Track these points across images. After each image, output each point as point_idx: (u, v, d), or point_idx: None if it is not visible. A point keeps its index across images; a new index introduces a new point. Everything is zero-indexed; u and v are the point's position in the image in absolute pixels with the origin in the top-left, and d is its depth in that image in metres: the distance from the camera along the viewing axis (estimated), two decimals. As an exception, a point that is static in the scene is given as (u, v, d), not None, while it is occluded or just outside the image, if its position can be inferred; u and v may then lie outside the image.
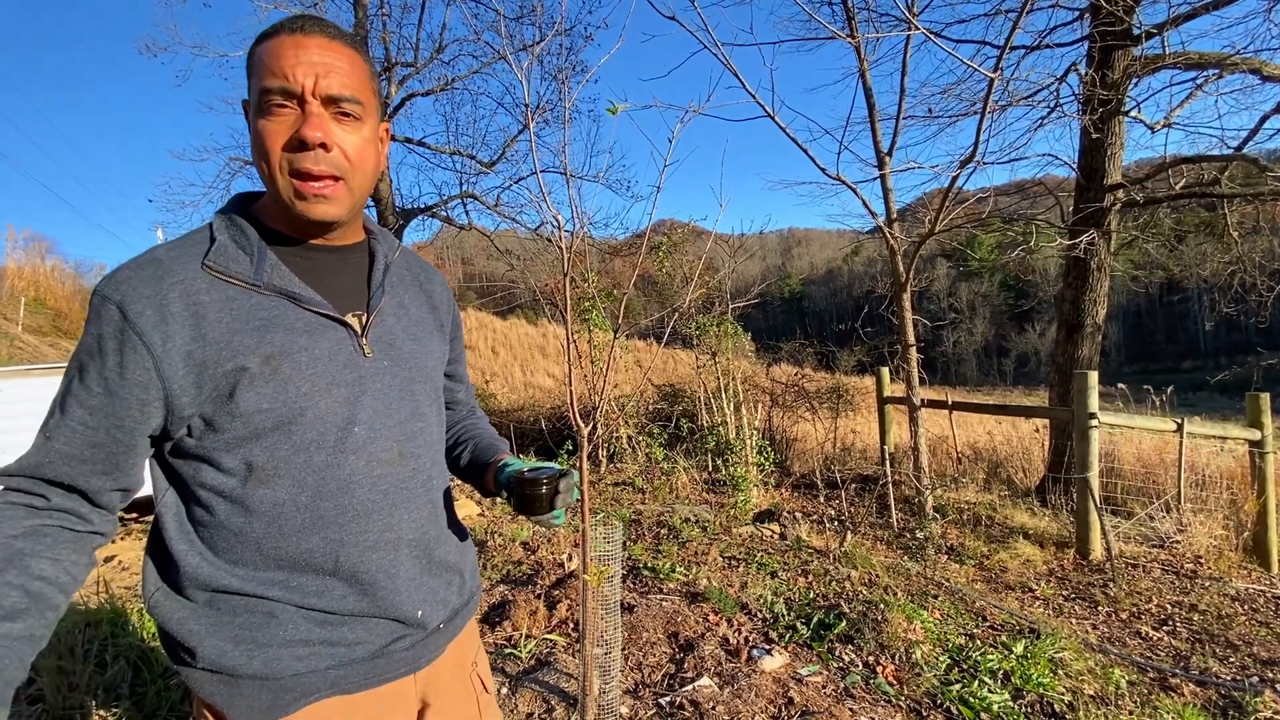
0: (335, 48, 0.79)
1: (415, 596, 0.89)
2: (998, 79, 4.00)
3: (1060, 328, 6.06)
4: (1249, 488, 4.46)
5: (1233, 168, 5.83)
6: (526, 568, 3.76)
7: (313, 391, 0.80)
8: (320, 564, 0.81)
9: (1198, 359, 55.94)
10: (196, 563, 0.79)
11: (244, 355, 0.76)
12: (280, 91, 0.76)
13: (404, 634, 0.88)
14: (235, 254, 0.80)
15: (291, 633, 0.80)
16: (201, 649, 0.78)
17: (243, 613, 0.79)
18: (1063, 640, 2.85)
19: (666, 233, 7.63)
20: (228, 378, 0.76)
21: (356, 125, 0.81)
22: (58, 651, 2.32)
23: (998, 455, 6.78)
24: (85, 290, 15.14)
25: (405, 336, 0.93)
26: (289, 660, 0.80)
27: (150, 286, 0.74)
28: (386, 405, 0.87)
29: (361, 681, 0.85)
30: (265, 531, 0.79)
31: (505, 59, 7.55)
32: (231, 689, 0.79)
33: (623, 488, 6.06)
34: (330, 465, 0.81)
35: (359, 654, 0.84)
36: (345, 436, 0.82)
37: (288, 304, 0.81)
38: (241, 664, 0.78)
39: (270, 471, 0.78)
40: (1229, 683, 2.64)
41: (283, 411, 0.78)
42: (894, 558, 4.10)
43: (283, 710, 0.80)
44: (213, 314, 0.76)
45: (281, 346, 0.78)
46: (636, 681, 2.50)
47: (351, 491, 0.82)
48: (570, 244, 1.92)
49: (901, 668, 2.62)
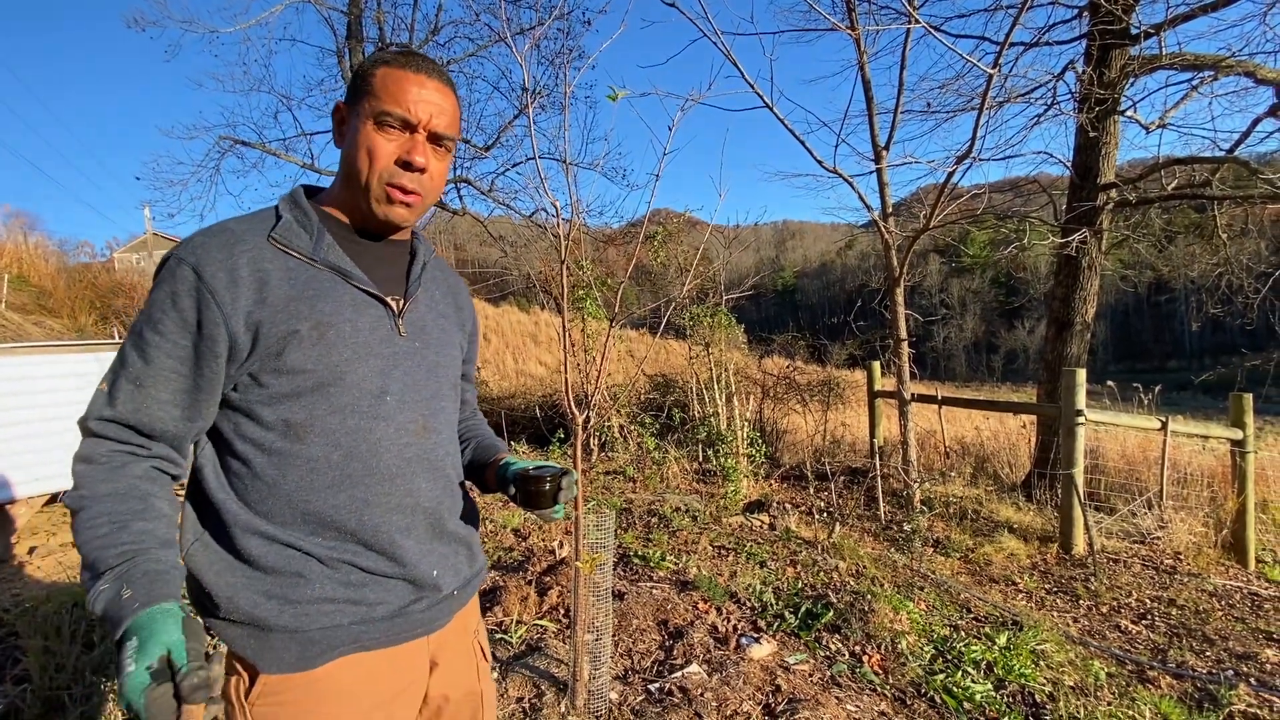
0: (445, 92, 0.94)
1: (429, 560, 0.96)
2: (996, 75, 4.00)
3: (1050, 325, 6.11)
4: (1229, 486, 4.53)
5: (1224, 170, 5.88)
6: (518, 554, 3.77)
7: (353, 359, 0.88)
8: (344, 522, 0.88)
9: (1183, 359, 56.71)
10: (235, 509, 0.86)
11: (297, 320, 0.85)
12: (400, 120, 0.90)
13: (420, 596, 0.95)
14: (298, 231, 0.90)
15: (319, 591, 0.86)
16: (235, 600, 0.84)
17: (274, 570, 0.85)
18: (1044, 633, 2.90)
19: (661, 222, 7.59)
20: (280, 339, 0.84)
21: (445, 157, 0.97)
22: (44, 632, 2.31)
23: (985, 450, 6.85)
24: (70, 268, 14.90)
25: (434, 326, 1.03)
26: (316, 616, 0.85)
27: (222, 253, 0.83)
28: (415, 381, 0.96)
29: (381, 639, 0.91)
30: (296, 486, 0.86)
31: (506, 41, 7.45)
32: (262, 641, 0.84)
33: (614, 476, 6.08)
34: (362, 429, 0.89)
35: (379, 613, 0.90)
36: (378, 404, 0.91)
37: (339, 279, 0.90)
38: (273, 617, 0.84)
39: (307, 429, 0.86)
40: (1205, 676, 2.70)
41: (324, 374, 0.86)
42: (881, 549, 4.15)
43: (309, 663, 0.85)
44: (274, 281, 0.85)
45: (330, 315, 0.87)
46: (626, 668, 2.53)
47: (379, 455, 0.90)
48: (568, 231, 1.91)
49: (887, 657, 2.66)
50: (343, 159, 0.94)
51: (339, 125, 0.96)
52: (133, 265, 20.43)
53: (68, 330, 10.87)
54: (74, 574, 3.52)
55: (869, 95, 5.24)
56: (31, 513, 4.45)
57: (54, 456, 4.49)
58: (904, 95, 4.90)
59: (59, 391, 4.59)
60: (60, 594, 2.60)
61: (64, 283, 12.86)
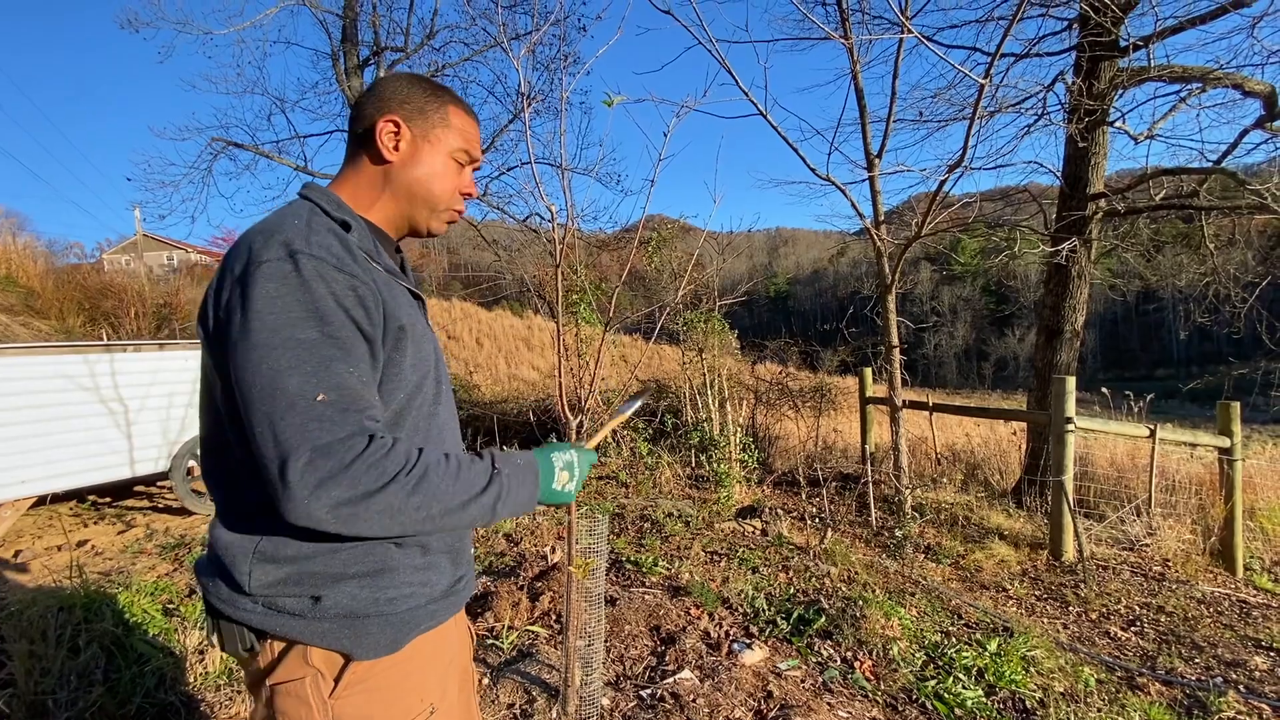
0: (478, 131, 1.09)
1: (468, 537, 1.09)
2: (987, 85, 4.04)
3: (1040, 333, 6.16)
4: (1217, 494, 4.57)
5: (1211, 180, 5.95)
6: (509, 559, 3.76)
7: (431, 353, 0.99)
8: None
9: (1171, 367, 57.20)
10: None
11: (398, 316, 0.90)
12: (471, 160, 1.07)
13: (463, 574, 1.06)
14: (364, 236, 0.94)
15: (402, 577, 0.92)
16: (333, 596, 0.86)
17: (359, 562, 0.88)
18: (1035, 639, 2.91)
19: (655, 228, 7.61)
20: (394, 334, 0.89)
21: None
22: (29, 636, 2.28)
23: (976, 457, 6.89)
24: (59, 269, 14.73)
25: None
26: (401, 600, 0.92)
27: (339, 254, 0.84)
28: (446, 371, 1.08)
29: (439, 615, 0.99)
30: None
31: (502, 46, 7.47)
32: (358, 630, 0.88)
33: (607, 481, 6.07)
34: (432, 414, 0.98)
35: (438, 591, 0.98)
36: (438, 392, 1.00)
37: (394, 281, 0.95)
38: (369, 606, 0.88)
39: (405, 418, 0.92)
40: (1194, 683, 2.71)
41: (421, 368, 0.95)
42: (873, 555, 4.16)
43: (400, 644, 0.91)
44: (380, 284, 0.89)
45: (408, 314, 0.94)
46: (618, 674, 2.52)
47: (443, 438, 1.00)
48: (563, 236, 1.91)
49: (879, 663, 2.66)
50: (409, 178, 1.00)
51: (395, 140, 0.99)
52: (122, 266, 20.25)
53: (55, 332, 10.76)
54: (59, 577, 3.48)
55: (862, 104, 5.29)
56: (17, 515, 4.40)
57: (40, 459, 4.44)
58: (897, 104, 4.93)
59: (46, 393, 4.55)
60: (46, 597, 2.56)
61: (52, 284, 12.72)
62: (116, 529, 4.81)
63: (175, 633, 2.60)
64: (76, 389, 4.73)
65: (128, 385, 5.02)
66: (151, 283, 13.90)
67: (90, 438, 4.74)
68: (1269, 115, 5.35)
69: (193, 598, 3.14)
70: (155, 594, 3.03)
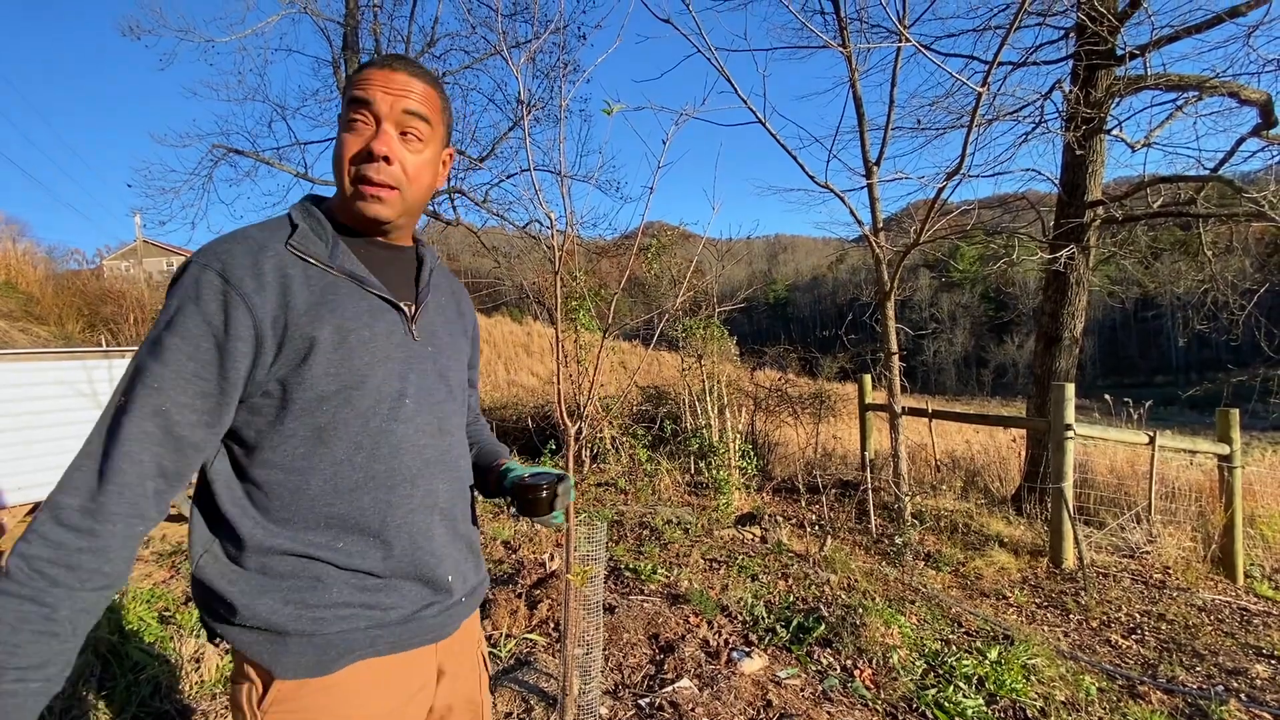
0: (414, 82, 0.93)
1: (447, 563, 0.98)
2: (985, 93, 4.06)
3: (1039, 340, 6.16)
4: (1217, 501, 4.56)
5: (1209, 188, 5.97)
6: (508, 566, 3.74)
7: (373, 363, 0.90)
8: (368, 523, 0.89)
9: (1169, 374, 57.28)
10: (250, 527, 0.85)
11: (319, 326, 0.85)
12: (363, 105, 0.90)
13: (433, 601, 0.96)
14: (314, 239, 0.90)
15: (335, 596, 0.86)
16: (252, 608, 0.83)
17: (291, 576, 0.85)
18: (1035, 647, 2.90)
19: (655, 235, 7.62)
20: (304, 344, 0.84)
21: (419, 146, 0.94)
22: (24, 644, 2.26)
23: (975, 464, 6.87)
24: (58, 275, 14.74)
25: (443, 331, 1.05)
26: (333, 620, 0.86)
27: (248, 257, 0.83)
28: (429, 385, 0.98)
29: (394, 644, 0.92)
30: (321, 490, 0.86)
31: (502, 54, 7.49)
32: (279, 646, 0.84)
33: (606, 488, 6.05)
34: (384, 431, 0.90)
35: (392, 617, 0.91)
36: (398, 407, 0.92)
37: (354, 285, 0.91)
38: (290, 622, 0.84)
39: (332, 433, 0.86)
40: (1195, 691, 2.70)
41: (348, 378, 0.87)
42: (873, 563, 4.14)
43: (325, 668, 0.86)
44: (296, 286, 0.85)
45: (350, 321, 0.88)
46: (616, 682, 2.50)
47: (400, 456, 0.92)
48: (563, 243, 1.91)
49: (879, 672, 2.65)
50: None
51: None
52: (121, 273, 20.26)
53: (55, 338, 10.75)
54: (55, 585, 3.46)
55: (860, 112, 5.31)
56: (15, 522, 4.38)
57: (38, 465, 4.42)
58: (895, 112, 4.95)
59: (44, 399, 4.53)
60: (40, 606, 2.55)
61: (52, 290, 12.74)
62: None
63: (171, 640, 2.58)
64: (75, 395, 4.72)
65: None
66: (151, 289, 13.91)
67: (88, 444, 4.73)
68: (1265, 123, 5.38)
69: (188, 605, 3.13)
70: (151, 601, 3.01)
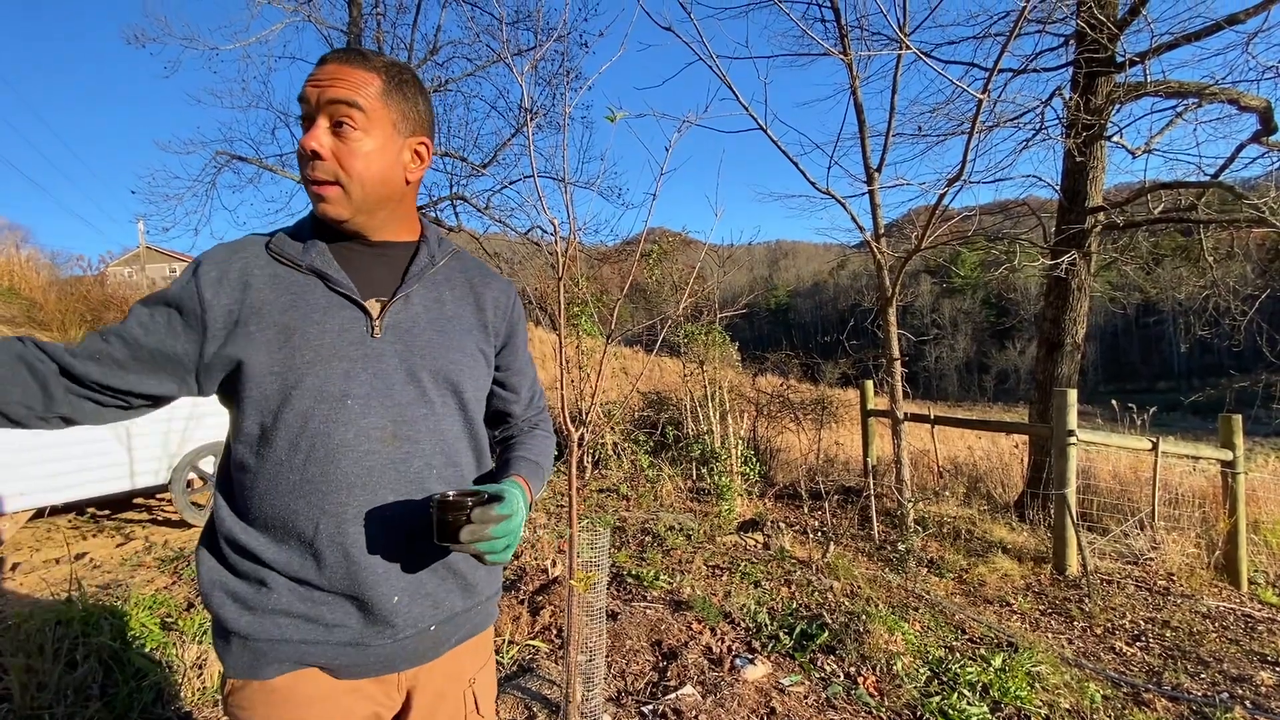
0: (343, 69, 0.87)
1: (393, 582, 0.88)
2: (985, 100, 4.07)
3: (1041, 346, 6.16)
4: (1220, 507, 4.55)
5: (1209, 194, 5.98)
6: (510, 573, 3.74)
7: (315, 361, 0.87)
8: (303, 529, 0.86)
9: (1172, 380, 57.18)
10: (224, 514, 0.90)
11: (266, 324, 0.86)
12: (302, 103, 0.88)
13: (378, 625, 0.88)
14: (290, 241, 0.92)
15: (277, 602, 0.86)
16: (210, 597, 0.87)
17: (243, 575, 0.87)
18: (1039, 654, 2.89)
19: (656, 241, 7.64)
20: (252, 340, 0.85)
21: (356, 136, 0.87)
22: (26, 650, 2.26)
23: (978, 470, 6.86)
24: (61, 281, 14.77)
25: (429, 327, 0.97)
26: (269, 626, 0.85)
27: (222, 256, 0.89)
28: (387, 385, 0.91)
29: (335, 666, 0.89)
30: (265, 489, 0.87)
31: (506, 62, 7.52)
32: (224, 641, 0.87)
33: (607, 494, 6.05)
34: (321, 433, 0.86)
35: (336, 637, 0.87)
36: (339, 408, 0.87)
37: (318, 283, 0.91)
38: (232, 619, 0.86)
39: (273, 432, 0.86)
40: (1200, 699, 2.69)
41: (288, 376, 0.86)
42: (876, 569, 4.13)
43: (256, 672, 0.86)
44: (257, 285, 0.87)
45: (298, 319, 0.88)
46: (619, 689, 2.49)
47: (337, 461, 0.86)
48: (565, 249, 1.92)
49: (882, 679, 2.64)
50: None
51: None
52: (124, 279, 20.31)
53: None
54: (58, 591, 3.46)
55: (861, 118, 5.33)
56: (16, 528, 4.38)
57: (39, 471, 4.43)
58: (895, 119, 4.97)
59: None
60: (43, 611, 2.55)
61: (55, 295, 12.76)
62: (115, 542, 4.79)
63: (173, 647, 2.58)
64: (78, 401, 4.73)
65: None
66: (154, 295, 13.91)
67: (90, 450, 4.73)
68: (1265, 129, 5.39)
69: (191, 611, 3.13)
70: (153, 607, 3.01)
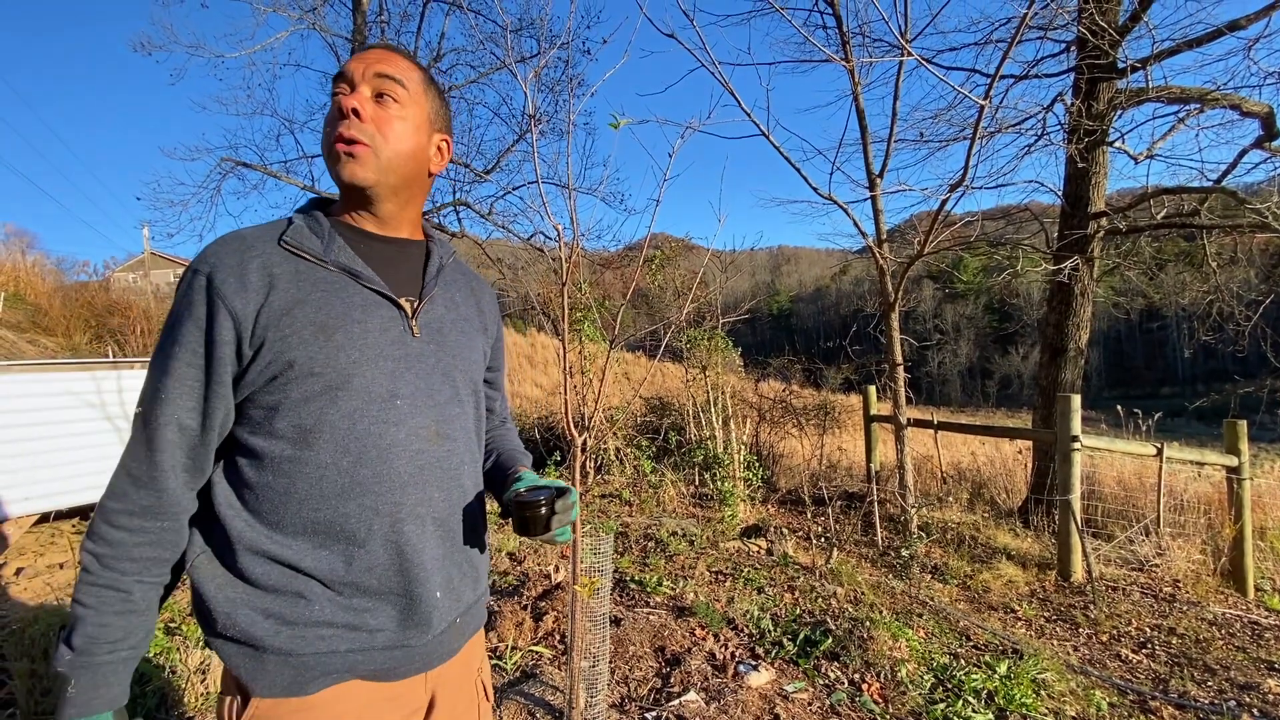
0: (393, 55, 0.94)
1: (436, 577, 0.91)
2: (987, 106, 4.08)
3: (1044, 351, 6.15)
4: (1226, 513, 4.52)
5: (1212, 199, 5.98)
6: (513, 578, 3.73)
7: (361, 360, 0.86)
8: (354, 531, 0.84)
9: (1176, 385, 56.93)
10: (241, 527, 0.83)
11: (303, 322, 0.83)
12: (341, 79, 0.91)
13: (422, 622, 0.90)
14: (308, 235, 0.89)
15: (318, 614, 0.83)
16: (234, 617, 0.81)
17: (275, 589, 0.83)
18: (1045, 661, 2.87)
19: (659, 246, 7.66)
20: (288, 340, 0.82)
21: (395, 107, 0.92)
22: (30, 655, 2.26)
23: (981, 476, 6.84)
24: (66, 287, 14.86)
25: (453, 328, 1.00)
26: (313, 639, 0.82)
27: (233, 258, 0.83)
28: (429, 385, 0.93)
29: (377, 671, 0.88)
30: (307, 494, 0.83)
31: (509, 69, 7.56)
32: (256, 662, 0.82)
33: (610, 500, 6.04)
34: (372, 433, 0.85)
35: (377, 641, 0.87)
36: (389, 408, 0.87)
37: (348, 280, 0.89)
38: (269, 637, 0.81)
39: (316, 434, 0.83)
40: (1207, 706, 2.67)
41: (332, 376, 0.84)
42: (879, 575, 4.12)
43: (301, 689, 0.82)
44: (283, 283, 0.84)
45: (338, 317, 0.86)
46: (623, 695, 2.49)
47: (390, 461, 0.86)
48: (569, 255, 1.93)
49: (887, 686, 2.63)
50: None
51: None
52: (129, 284, 20.42)
53: (62, 349, 10.82)
54: (62, 595, 3.46)
55: (863, 124, 5.35)
56: (20, 533, 4.39)
57: (47, 475, 4.44)
58: (897, 125, 4.99)
59: (51, 410, 4.56)
60: (48, 615, 2.55)
61: (60, 301, 12.83)
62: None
63: (176, 652, 2.58)
64: (82, 406, 4.75)
65: (133, 402, 5.03)
66: (158, 301, 14.02)
67: (94, 455, 4.74)
68: (1267, 135, 5.40)
69: (194, 617, 3.13)
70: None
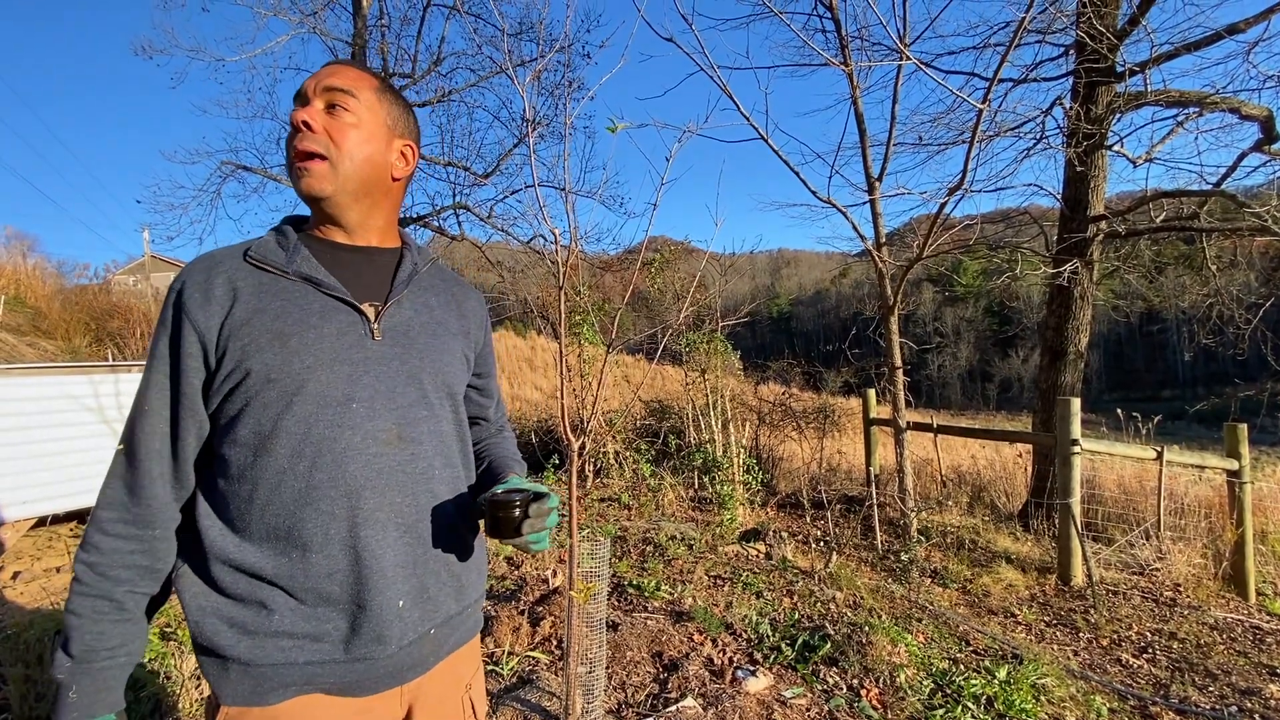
0: (344, 68, 0.95)
1: (401, 585, 0.89)
2: (986, 110, 4.08)
3: (1044, 354, 6.15)
4: (1227, 517, 4.51)
5: (1211, 203, 5.98)
6: (510, 583, 3.72)
7: (316, 365, 0.86)
8: (311, 537, 0.84)
9: (1176, 388, 56.91)
10: (215, 535, 0.85)
11: (261, 330, 0.85)
12: (296, 99, 0.94)
13: (386, 635, 0.87)
14: (273, 248, 0.92)
15: (278, 624, 0.83)
16: (202, 626, 0.83)
17: (241, 599, 0.84)
18: (1045, 666, 2.86)
19: (658, 249, 7.66)
20: (246, 349, 0.84)
21: (347, 115, 0.93)
22: (25, 660, 2.25)
23: (981, 479, 6.82)
24: (66, 290, 14.88)
25: (423, 332, 0.99)
26: (272, 650, 0.82)
27: (201, 275, 0.87)
28: (389, 387, 0.92)
29: (341, 685, 0.87)
30: (267, 500, 0.84)
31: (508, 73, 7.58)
32: (221, 670, 0.83)
33: (609, 503, 6.03)
34: (327, 438, 0.85)
35: (339, 655, 0.85)
36: (343, 411, 0.87)
37: (310, 289, 0.90)
38: (229, 647, 0.82)
39: (273, 439, 0.84)
40: (1209, 712, 2.65)
41: (288, 382, 0.84)
42: (878, 580, 4.10)
43: (261, 699, 0.83)
44: (245, 295, 0.87)
45: (294, 324, 0.87)
46: (620, 701, 2.47)
47: (345, 465, 0.86)
48: (567, 258, 1.92)
49: (886, 691, 2.61)
50: None
51: None
52: (129, 287, 20.43)
53: (62, 352, 10.82)
54: (58, 599, 3.45)
55: (862, 128, 5.35)
56: (17, 536, 4.38)
57: (42, 479, 4.43)
58: (896, 128, 4.99)
59: (49, 414, 4.55)
60: (43, 620, 2.54)
61: (59, 304, 12.85)
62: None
63: (171, 657, 2.56)
64: (80, 409, 4.74)
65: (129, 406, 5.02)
66: (157, 304, 14.01)
67: (92, 458, 4.74)
68: (1267, 138, 5.40)
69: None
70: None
